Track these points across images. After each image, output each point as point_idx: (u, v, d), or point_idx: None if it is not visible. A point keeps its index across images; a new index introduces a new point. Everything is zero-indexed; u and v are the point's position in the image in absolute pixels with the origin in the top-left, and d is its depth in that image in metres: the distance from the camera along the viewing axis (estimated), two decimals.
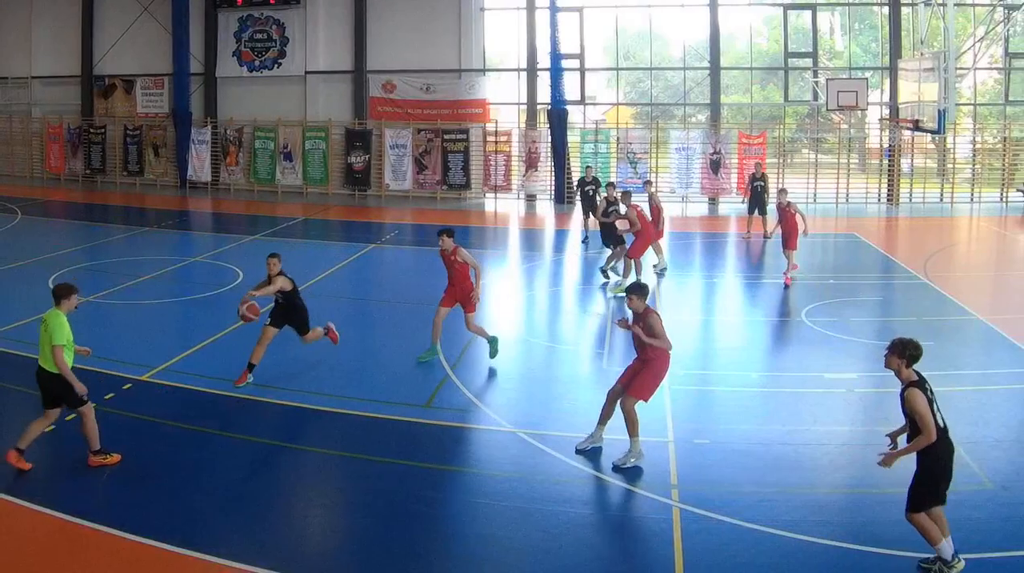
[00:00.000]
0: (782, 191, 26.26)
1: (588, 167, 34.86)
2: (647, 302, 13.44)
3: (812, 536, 11.03)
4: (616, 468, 13.15)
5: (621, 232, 25.15)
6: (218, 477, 12.84)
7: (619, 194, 25.65)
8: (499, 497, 12.39)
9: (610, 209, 25.85)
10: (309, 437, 14.76)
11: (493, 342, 18.07)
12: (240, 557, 10.58)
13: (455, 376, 17.24)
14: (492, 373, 17.83)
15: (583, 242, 31.89)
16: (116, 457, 13.03)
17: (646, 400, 13.41)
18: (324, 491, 12.99)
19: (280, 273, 16.44)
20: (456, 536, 11.41)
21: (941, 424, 10.05)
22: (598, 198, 31.25)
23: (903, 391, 10.09)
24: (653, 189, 29.48)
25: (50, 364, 12.51)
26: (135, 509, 11.72)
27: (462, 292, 17.90)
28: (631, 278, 23.52)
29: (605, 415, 13.75)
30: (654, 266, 26.14)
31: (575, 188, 34.13)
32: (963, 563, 10.15)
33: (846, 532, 11.27)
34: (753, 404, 16.16)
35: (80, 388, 12.60)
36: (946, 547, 10.15)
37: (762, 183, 32.44)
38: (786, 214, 25.01)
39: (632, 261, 24.33)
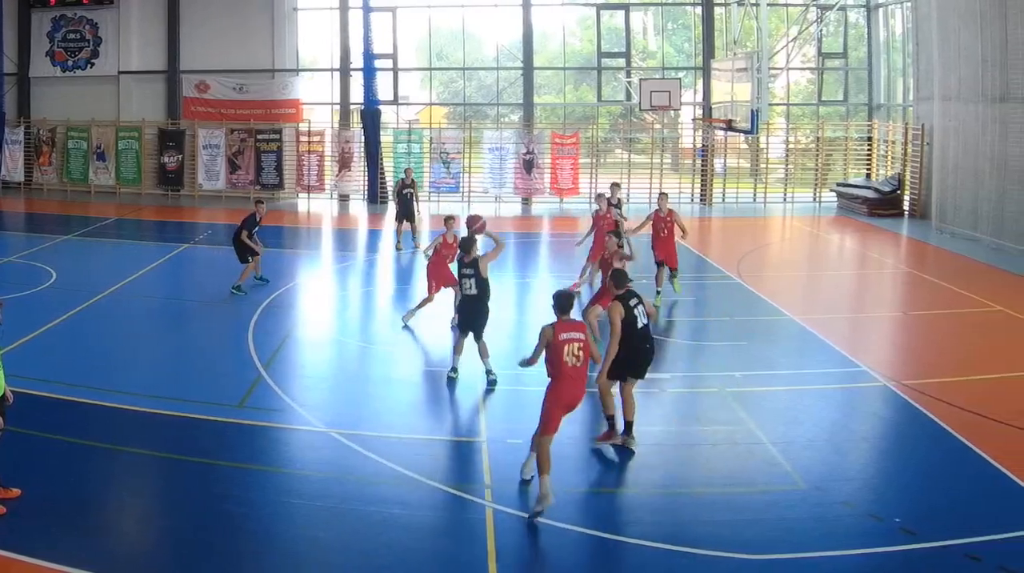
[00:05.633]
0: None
1: (407, 169, 33.91)
2: None
3: (624, 536, 11.12)
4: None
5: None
6: (29, 478, 12.29)
7: None
8: (312, 497, 12.34)
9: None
10: (120, 437, 14.31)
11: None
12: (49, 558, 10.36)
13: (268, 376, 17.03)
14: (305, 373, 17.80)
15: (396, 248, 30.88)
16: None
17: None
18: (135, 492, 12.72)
19: None
20: (269, 536, 11.25)
21: None
22: (415, 202, 31.12)
23: None
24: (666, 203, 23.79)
25: None
26: None
27: None
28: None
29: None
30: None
31: (393, 191, 33.09)
32: None
33: (657, 532, 11.38)
34: None
35: None
36: None
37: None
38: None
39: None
